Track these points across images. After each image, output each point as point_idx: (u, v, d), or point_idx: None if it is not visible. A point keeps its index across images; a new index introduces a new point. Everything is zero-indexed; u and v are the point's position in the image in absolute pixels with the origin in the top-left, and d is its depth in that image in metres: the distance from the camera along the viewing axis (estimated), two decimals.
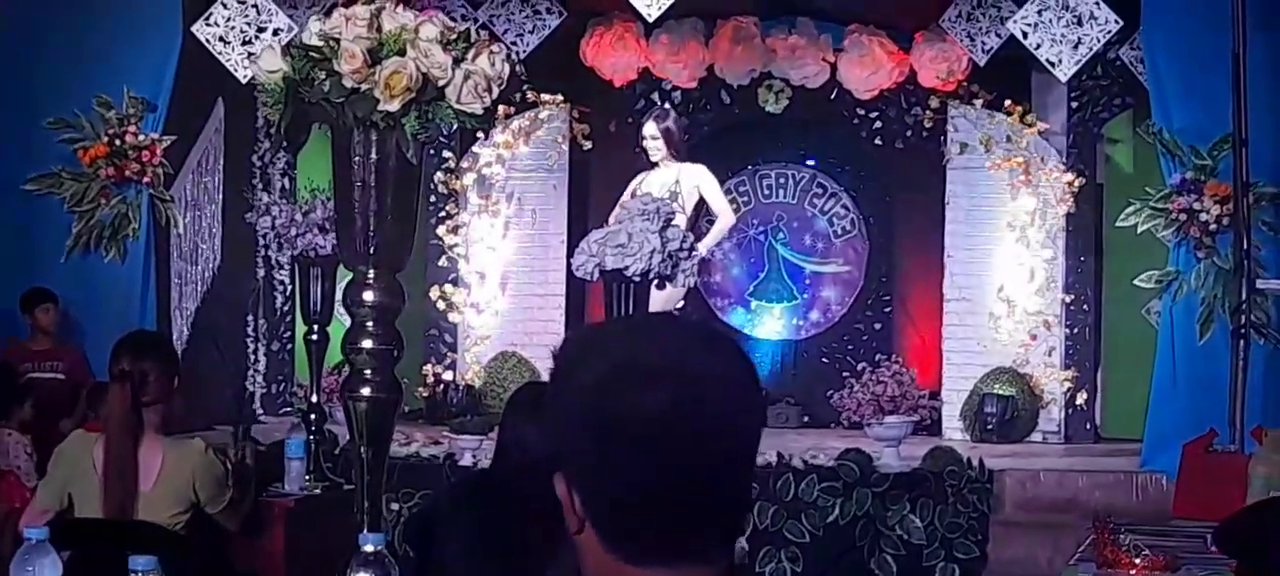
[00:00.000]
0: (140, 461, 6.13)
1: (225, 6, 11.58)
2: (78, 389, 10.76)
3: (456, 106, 5.08)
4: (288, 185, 13.10)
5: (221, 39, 11.58)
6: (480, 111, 5.11)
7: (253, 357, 13.23)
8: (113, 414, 6.21)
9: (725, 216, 12.23)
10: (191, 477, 6.23)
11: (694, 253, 9.05)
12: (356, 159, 5.21)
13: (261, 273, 13.23)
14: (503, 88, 5.21)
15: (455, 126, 5.23)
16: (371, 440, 5.30)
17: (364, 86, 5.09)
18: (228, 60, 11.54)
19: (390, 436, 5.46)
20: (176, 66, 11.78)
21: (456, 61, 5.12)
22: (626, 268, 8.56)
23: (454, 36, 5.17)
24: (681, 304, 11.35)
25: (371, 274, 5.27)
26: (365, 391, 5.27)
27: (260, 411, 12.99)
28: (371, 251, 5.24)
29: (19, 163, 11.73)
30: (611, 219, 11.35)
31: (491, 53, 5.16)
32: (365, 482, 5.27)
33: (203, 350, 12.25)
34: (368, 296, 5.27)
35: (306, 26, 5.32)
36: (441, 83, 5.08)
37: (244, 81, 11.21)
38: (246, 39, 11.52)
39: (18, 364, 10.90)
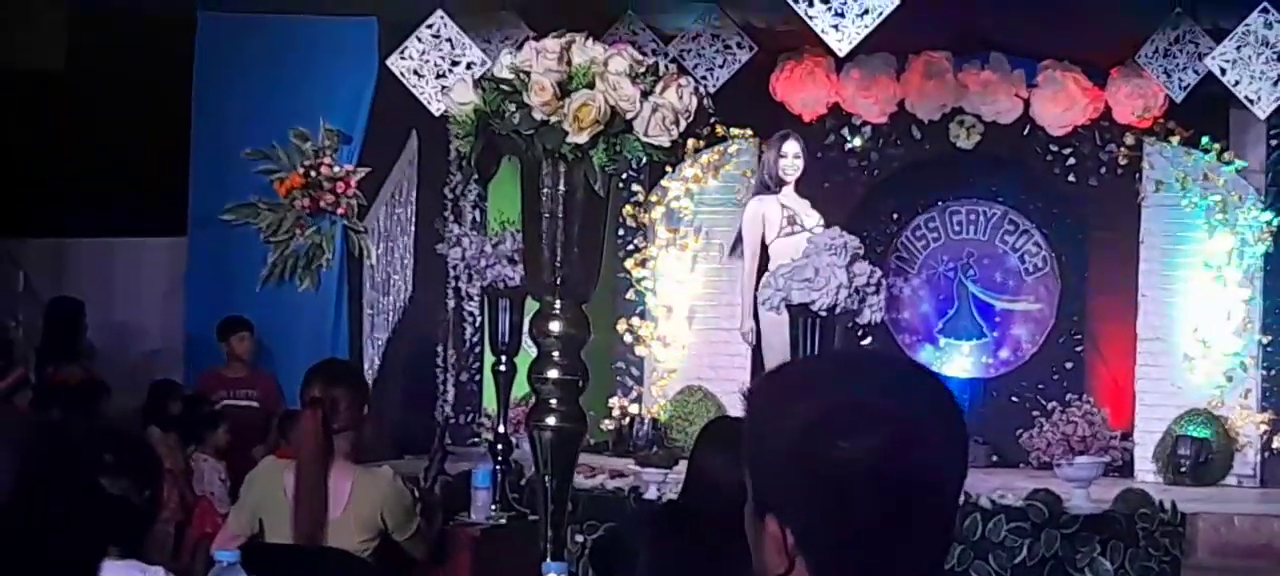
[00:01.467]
0: (330, 488, 6.21)
1: (420, 41, 11.72)
2: (271, 416, 10.97)
3: (644, 139, 5.08)
4: (479, 217, 13.22)
5: (416, 72, 11.71)
6: (668, 144, 5.11)
7: (442, 388, 13.35)
8: (304, 440, 6.30)
9: None
10: (380, 505, 6.29)
11: (881, 290, 9.01)
12: (545, 190, 5.23)
13: (452, 304, 13.35)
14: (691, 121, 5.21)
15: (643, 159, 5.23)
16: (556, 470, 5.31)
17: (553, 119, 5.11)
18: (421, 93, 11.66)
19: (574, 466, 5.46)
20: (371, 99, 11.97)
21: (645, 95, 5.13)
22: (813, 302, 8.55)
23: (642, 69, 5.18)
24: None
25: (558, 304, 5.29)
26: (550, 421, 5.28)
27: (449, 442, 13.11)
28: (558, 282, 5.26)
29: (217, 193, 11.99)
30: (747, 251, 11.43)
31: (680, 86, 5.16)
32: (549, 512, 5.28)
33: (393, 380, 12.41)
34: (554, 327, 5.29)
35: (498, 60, 5.37)
36: (629, 115, 5.09)
37: (437, 114, 11.34)
38: (440, 73, 11.64)
39: (212, 391, 11.13)
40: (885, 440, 2.14)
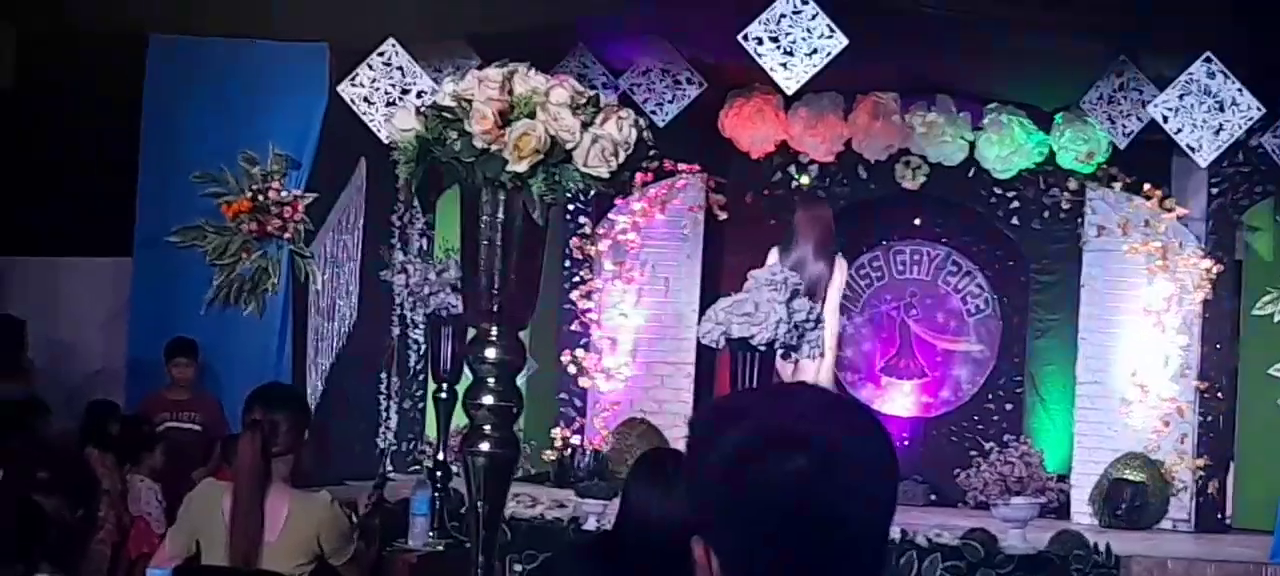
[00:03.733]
0: (267, 511, 6.23)
1: (371, 68, 11.75)
2: (214, 439, 10.97)
3: (583, 169, 5.13)
4: (425, 245, 13.24)
5: (366, 99, 11.75)
6: (607, 175, 5.16)
7: (384, 415, 13.36)
8: (242, 463, 6.32)
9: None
10: (317, 529, 6.32)
11: (820, 324, 9.08)
12: (484, 218, 5.27)
13: (396, 331, 13.35)
14: (631, 153, 5.26)
15: (583, 190, 5.29)
16: (489, 497, 5.34)
17: (494, 147, 5.16)
18: (371, 120, 11.69)
19: (506, 493, 5.48)
20: (321, 125, 11.98)
21: (585, 125, 5.18)
22: (752, 337, 8.60)
23: (583, 100, 5.24)
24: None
25: (494, 331, 5.33)
26: (484, 447, 5.30)
27: (390, 468, 13.12)
28: (495, 310, 5.30)
29: (164, 215, 11.99)
30: None
31: (620, 118, 5.22)
32: (480, 539, 5.31)
33: (336, 405, 12.41)
34: (490, 354, 5.32)
35: (441, 87, 5.42)
36: (569, 145, 5.15)
37: (386, 141, 11.35)
38: (390, 100, 11.67)
39: (155, 413, 11.11)
40: (810, 463, 2.15)
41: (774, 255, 12.15)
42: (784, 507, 2.16)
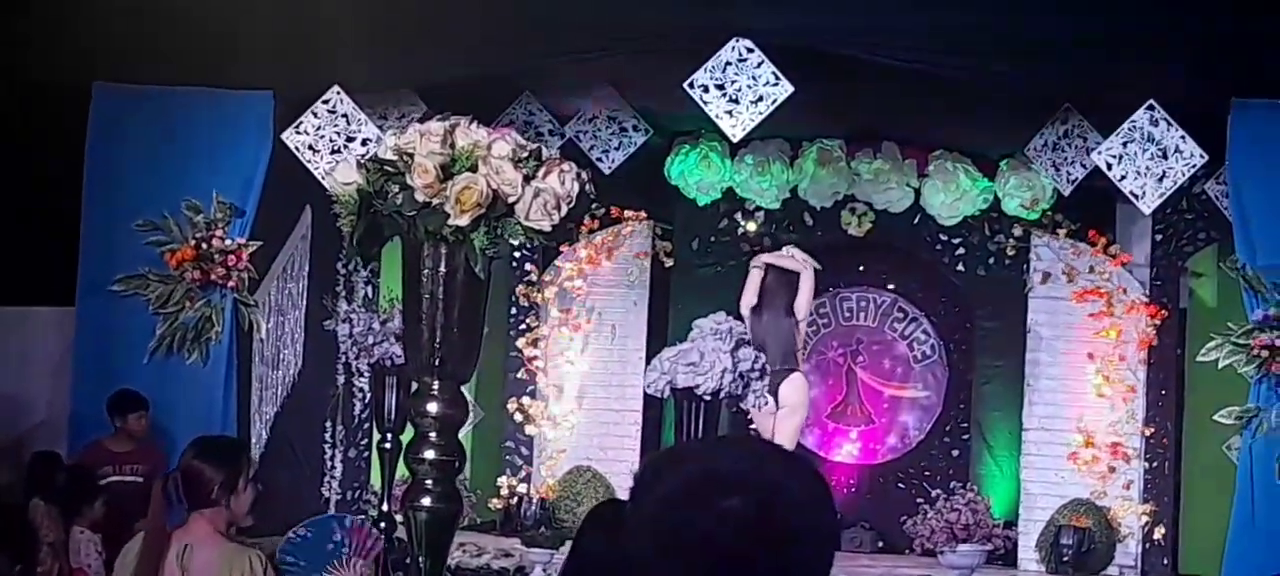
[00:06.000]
0: (190, 563, 6.13)
1: (315, 116, 11.70)
2: None
3: (525, 223, 5.13)
4: (370, 294, 13.18)
5: (310, 147, 11.69)
6: (548, 228, 5.16)
7: (330, 464, 13.26)
8: (149, 515, 6.23)
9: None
10: None
11: (765, 375, 9.07)
12: (426, 271, 5.27)
13: (341, 379, 13.27)
14: (572, 206, 5.26)
15: (525, 244, 5.28)
16: (430, 551, 5.32)
17: (435, 201, 5.15)
18: (316, 168, 11.62)
19: (449, 546, 5.47)
20: (266, 173, 11.91)
21: (527, 179, 5.18)
22: (698, 386, 8.60)
23: (525, 154, 5.23)
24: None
25: (436, 385, 5.31)
26: (425, 501, 5.29)
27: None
28: (437, 363, 5.28)
29: (107, 263, 11.88)
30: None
31: (562, 171, 5.22)
32: None
33: (281, 455, 12.33)
34: (431, 408, 5.30)
35: (382, 140, 5.41)
36: (511, 199, 5.14)
37: (330, 192, 11.29)
38: (335, 148, 11.62)
39: (98, 464, 10.98)
40: (745, 505, 2.18)
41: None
42: (720, 548, 2.18)
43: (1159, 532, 12.95)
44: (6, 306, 13.74)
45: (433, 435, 5.32)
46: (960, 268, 13.90)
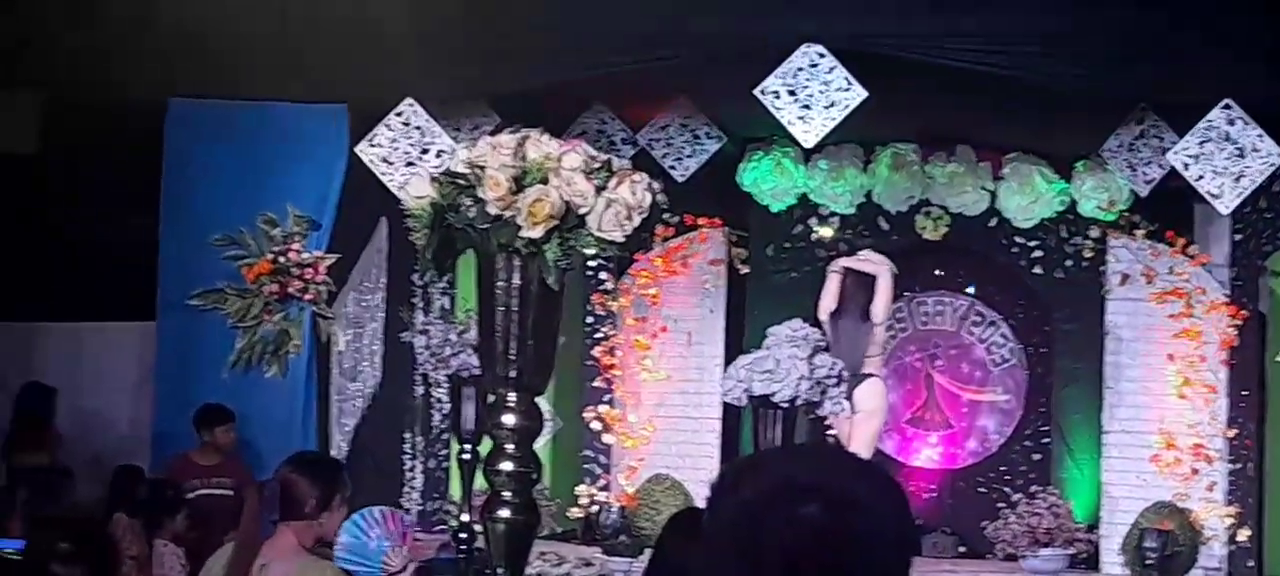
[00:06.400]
0: (270, 574, 6.16)
1: (389, 128, 11.74)
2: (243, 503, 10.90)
3: (597, 234, 5.13)
4: (448, 305, 13.21)
5: (385, 160, 11.74)
6: (621, 239, 5.16)
7: (409, 475, 13.31)
8: (242, 524, 6.27)
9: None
10: None
11: (842, 381, 9.05)
12: (499, 284, 5.27)
13: (419, 391, 13.31)
14: (645, 216, 5.26)
15: (598, 255, 5.28)
16: (508, 561, 5.33)
17: (507, 213, 5.16)
18: (391, 181, 11.66)
19: (527, 557, 5.48)
20: (341, 186, 11.98)
21: (599, 190, 5.18)
22: (774, 393, 8.59)
23: (597, 165, 5.23)
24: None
25: (512, 397, 5.32)
26: (503, 513, 5.30)
27: (417, 529, 13.07)
28: (513, 375, 5.29)
29: (186, 278, 11.98)
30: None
31: (633, 182, 5.22)
32: None
33: (361, 467, 12.38)
34: (507, 420, 5.31)
35: (455, 152, 5.42)
36: (583, 210, 5.15)
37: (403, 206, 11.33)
38: (409, 160, 11.65)
39: (184, 478, 11.07)
40: (822, 511, 2.18)
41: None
42: (795, 555, 2.18)
43: (1243, 535, 12.80)
44: (87, 322, 13.90)
45: (509, 447, 5.33)
46: (1037, 270, 13.80)
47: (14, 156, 13.35)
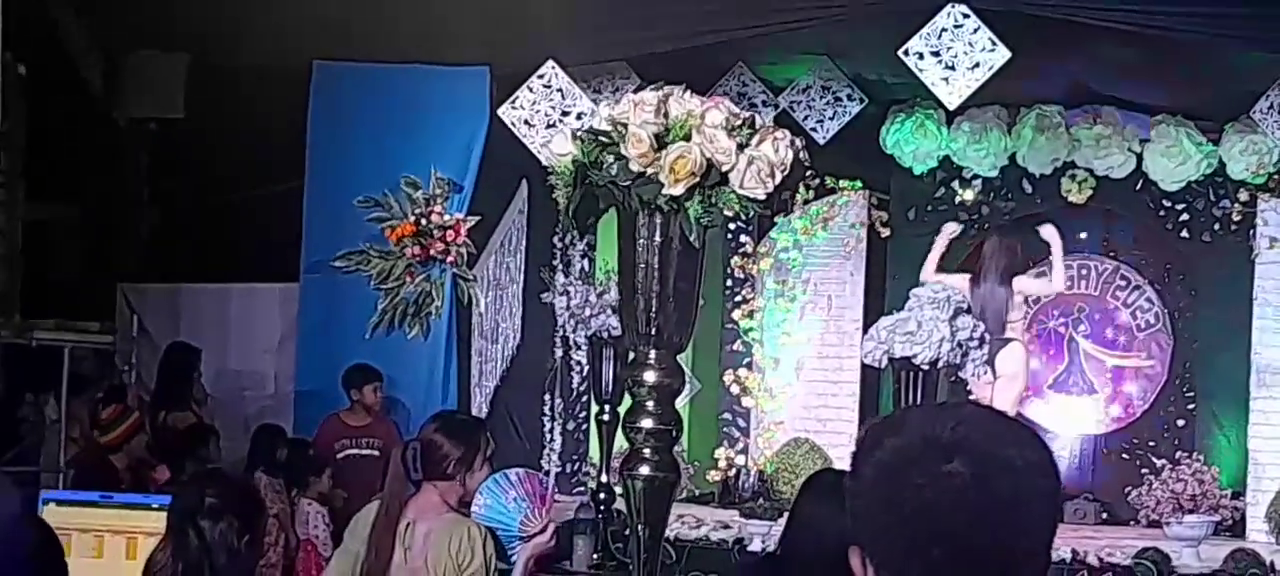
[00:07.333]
0: (417, 533, 6.22)
1: (531, 91, 11.77)
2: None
3: (739, 191, 5.12)
4: (587, 266, 13.23)
5: (526, 122, 11.76)
6: (763, 197, 5.14)
7: (549, 436, 13.35)
8: (387, 483, 6.33)
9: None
10: (456, 552, 6.27)
11: (983, 344, 8.97)
12: (640, 241, 5.28)
13: (559, 352, 13.34)
14: (787, 174, 5.23)
15: (740, 213, 5.25)
16: (649, 519, 5.33)
17: (650, 170, 5.16)
18: (531, 143, 11.68)
19: (667, 515, 5.48)
20: (482, 148, 12.03)
21: (741, 147, 5.16)
22: (915, 355, 8.53)
23: (739, 122, 5.22)
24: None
25: (652, 354, 5.32)
26: (643, 470, 5.31)
27: (556, 491, 13.11)
28: (653, 332, 5.29)
29: (329, 240, 12.09)
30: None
31: (776, 139, 5.20)
32: (641, 561, 5.30)
33: (501, 428, 12.45)
34: (648, 376, 5.32)
35: (597, 112, 5.43)
36: (725, 168, 5.13)
37: (545, 164, 11.37)
38: (550, 122, 11.67)
39: (335, 438, 11.22)
40: (966, 470, 2.17)
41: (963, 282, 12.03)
42: (939, 513, 2.17)
43: None
44: (234, 283, 14.08)
45: (650, 404, 5.33)
46: (1185, 234, 13.58)
47: (161, 120, 13.55)
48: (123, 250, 15.34)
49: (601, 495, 10.08)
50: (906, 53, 10.85)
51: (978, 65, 10.77)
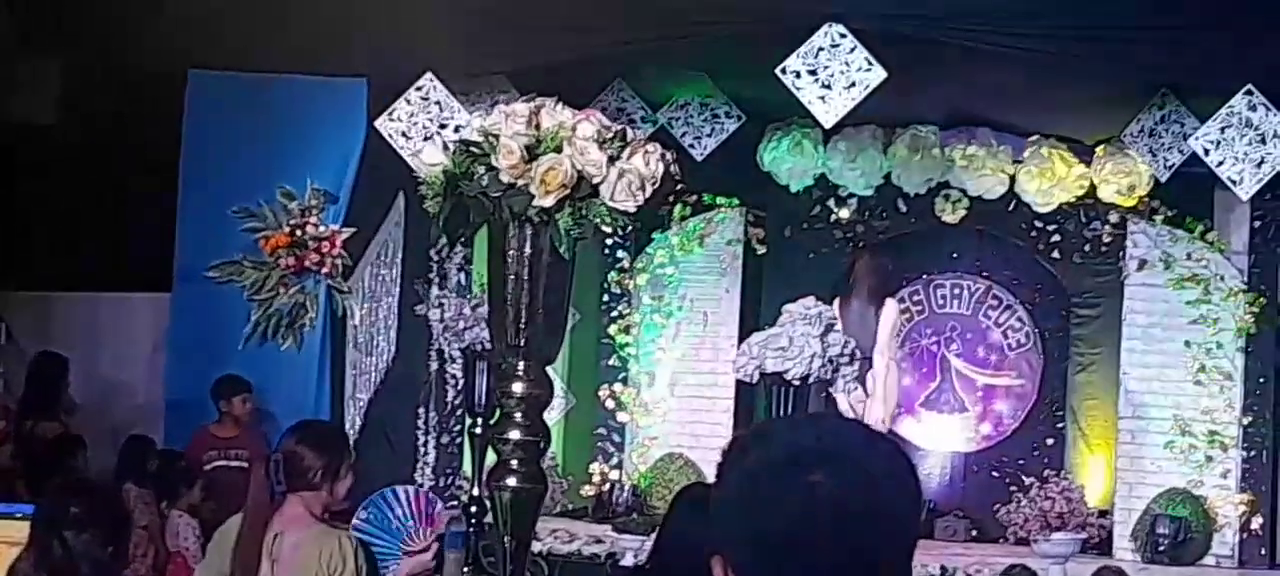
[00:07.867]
0: (284, 545, 6.18)
1: (408, 103, 11.72)
2: None
3: (610, 204, 5.12)
4: (463, 279, 13.19)
5: (404, 134, 11.71)
6: (633, 209, 5.15)
7: (423, 450, 13.30)
8: (251, 495, 6.29)
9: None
10: (326, 563, 6.23)
11: (854, 361, 9.03)
12: (511, 253, 5.27)
13: (434, 365, 13.29)
14: (658, 187, 5.25)
15: (610, 224, 5.26)
16: (515, 531, 5.32)
17: (520, 182, 5.16)
18: (408, 155, 11.61)
19: (534, 527, 5.47)
20: (359, 159, 11.97)
21: (612, 160, 5.17)
22: (787, 371, 8.57)
23: (610, 135, 5.22)
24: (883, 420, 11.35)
25: (521, 365, 5.32)
26: (510, 481, 5.29)
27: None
28: (522, 343, 5.29)
29: (203, 250, 11.99)
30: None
31: (646, 152, 5.21)
32: (508, 573, 5.29)
33: (375, 441, 12.38)
34: (516, 388, 5.31)
35: (469, 122, 5.42)
36: (596, 180, 5.14)
37: (417, 174, 11.33)
38: (428, 135, 11.61)
39: (202, 451, 11.11)
40: (828, 478, 2.18)
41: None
42: (801, 523, 2.18)
43: (1257, 522, 12.76)
44: (104, 293, 13.91)
45: (518, 415, 5.32)
46: (1055, 255, 13.76)
47: (33, 126, 13.37)
48: None
49: (473, 509, 10.04)
50: (784, 71, 10.90)
51: (854, 84, 10.84)
